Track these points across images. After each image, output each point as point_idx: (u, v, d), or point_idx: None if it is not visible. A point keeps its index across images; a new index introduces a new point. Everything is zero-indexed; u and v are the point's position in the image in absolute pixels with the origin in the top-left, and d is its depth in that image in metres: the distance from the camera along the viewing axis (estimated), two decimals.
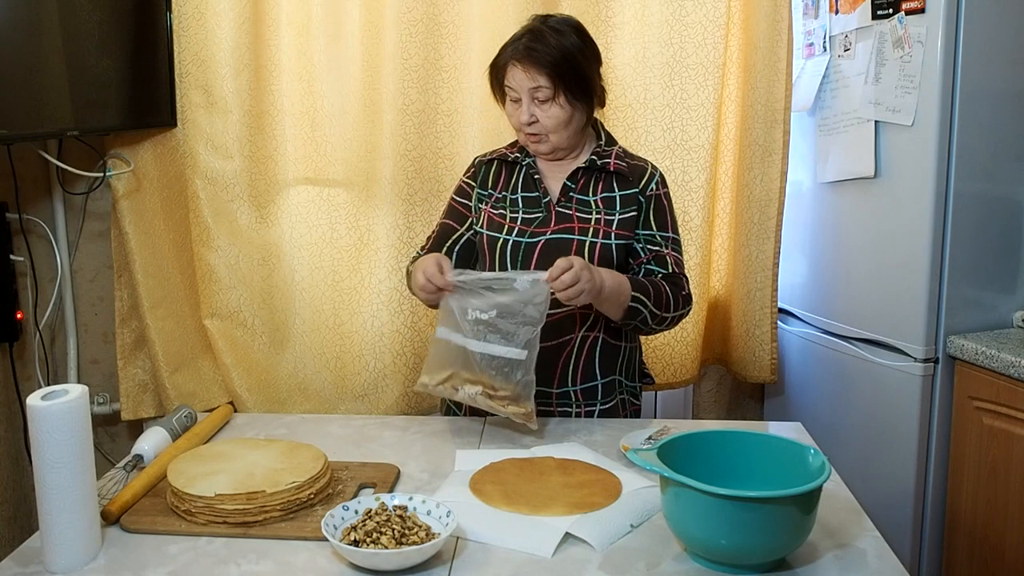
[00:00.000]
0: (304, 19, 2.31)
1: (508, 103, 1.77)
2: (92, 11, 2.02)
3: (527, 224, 1.77)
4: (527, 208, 1.79)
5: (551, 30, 1.71)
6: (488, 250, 1.79)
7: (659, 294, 1.70)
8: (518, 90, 1.72)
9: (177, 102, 2.26)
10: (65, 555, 1.18)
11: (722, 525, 1.13)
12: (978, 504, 2.02)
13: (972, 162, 2.04)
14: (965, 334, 2.07)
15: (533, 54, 1.68)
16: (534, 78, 1.68)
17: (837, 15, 2.33)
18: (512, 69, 1.71)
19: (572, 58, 1.70)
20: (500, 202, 1.82)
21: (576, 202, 1.78)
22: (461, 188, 1.88)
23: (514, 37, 1.74)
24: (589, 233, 1.74)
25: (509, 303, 1.56)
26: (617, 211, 1.77)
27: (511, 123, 1.78)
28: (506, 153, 1.86)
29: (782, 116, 2.36)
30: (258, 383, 2.37)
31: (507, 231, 1.77)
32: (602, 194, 1.78)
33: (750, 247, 2.45)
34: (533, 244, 1.75)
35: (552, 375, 1.76)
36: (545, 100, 1.70)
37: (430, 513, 1.28)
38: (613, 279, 1.63)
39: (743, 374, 2.54)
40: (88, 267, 2.44)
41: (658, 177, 1.82)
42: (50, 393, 1.18)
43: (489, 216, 1.81)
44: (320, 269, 2.41)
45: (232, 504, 1.29)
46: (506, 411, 1.58)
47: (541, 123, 1.72)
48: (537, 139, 1.75)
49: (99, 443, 2.49)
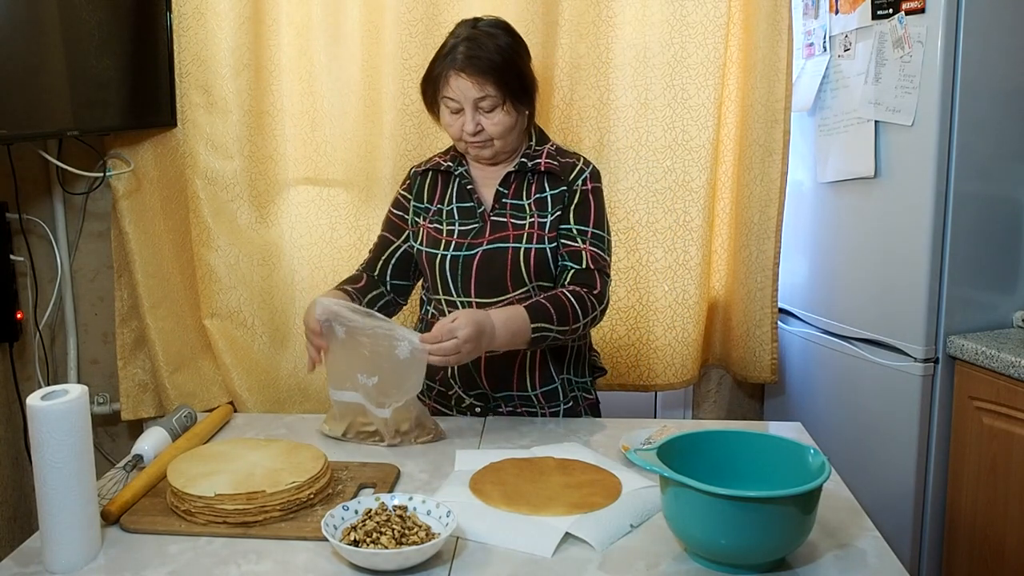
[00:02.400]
0: (304, 19, 2.31)
1: (446, 114, 1.71)
2: (92, 11, 2.02)
3: (463, 236, 1.74)
4: (463, 220, 1.76)
5: (486, 35, 1.68)
6: (428, 267, 1.77)
7: (562, 311, 1.62)
8: (460, 100, 1.66)
9: (177, 102, 2.26)
10: (65, 555, 1.18)
11: (722, 525, 1.13)
12: (978, 504, 2.02)
13: (972, 162, 2.04)
14: (965, 334, 2.07)
15: (476, 62, 1.64)
16: (480, 87, 1.64)
17: (837, 15, 2.33)
18: (454, 79, 1.65)
19: (512, 62, 1.68)
20: (436, 215, 1.79)
21: (510, 208, 1.75)
22: (398, 200, 1.85)
23: (448, 46, 1.69)
24: (523, 239, 1.71)
25: (391, 372, 1.57)
26: (549, 212, 1.74)
27: (450, 133, 1.73)
28: (439, 162, 1.82)
29: (782, 116, 2.36)
30: (258, 383, 2.37)
31: (444, 246, 1.74)
32: (535, 196, 1.75)
33: (750, 247, 2.45)
34: (471, 257, 1.72)
35: (510, 380, 1.77)
36: (491, 108, 1.67)
37: (430, 513, 1.28)
38: (507, 324, 1.56)
39: (743, 374, 2.54)
40: (88, 267, 2.44)
41: (587, 173, 1.76)
42: (50, 393, 1.17)
43: (427, 232, 1.78)
44: (320, 269, 2.41)
45: (232, 504, 1.28)
46: (418, 443, 1.63)
47: (487, 131, 1.69)
48: (481, 146, 1.72)
49: (99, 443, 2.49)
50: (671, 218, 2.42)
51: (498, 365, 1.75)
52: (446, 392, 1.80)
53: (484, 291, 1.72)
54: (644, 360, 2.48)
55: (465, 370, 1.76)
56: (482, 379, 1.76)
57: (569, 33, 2.33)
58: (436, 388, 1.82)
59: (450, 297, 1.75)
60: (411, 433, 1.63)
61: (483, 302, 1.71)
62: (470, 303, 1.72)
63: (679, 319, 2.46)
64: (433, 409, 1.82)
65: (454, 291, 1.74)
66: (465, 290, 1.73)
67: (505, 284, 1.72)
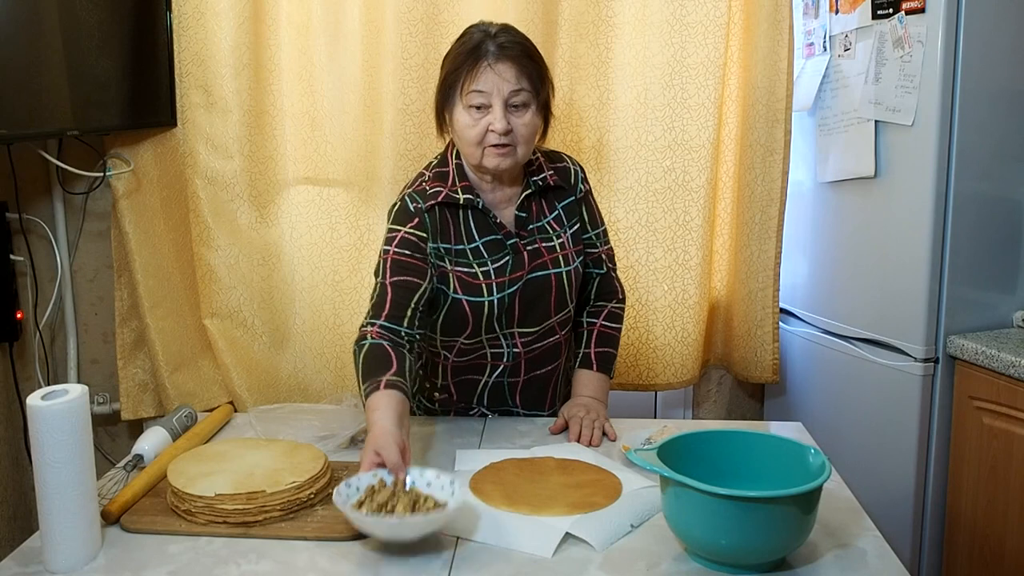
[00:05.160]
0: (304, 19, 2.31)
1: (467, 115, 1.56)
2: (92, 11, 2.02)
3: (500, 274, 1.63)
4: (493, 255, 1.63)
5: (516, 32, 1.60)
6: (473, 317, 1.62)
7: (616, 342, 1.81)
8: (490, 94, 1.53)
9: (177, 102, 2.26)
10: (65, 555, 1.18)
11: (722, 525, 1.13)
12: (978, 504, 2.02)
13: (972, 162, 2.04)
14: (965, 334, 2.07)
15: (513, 52, 1.54)
16: (517, 79, 1.54)
17: (837, 15, 2.33)
18: (486, 72, 1.53)
19: (543, 63, 1.61)
20: (462, 256, 1.63)
21: (537, 232, 1.68)
22: (409, 241, 1.59)
23: (474, 41, 1.57)
24: (561, 263, 1.68)
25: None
26: (567, 226, 1.71)
27: (470, 135, 1.56)
28: (448, 194, 1.62)
29: (783, 116, 2.36)
30: (258, 383, 2.37)
31: (486, 291, 1.62)
32: (551, 214, 1.70)
33: (751, 247, 2.45)
34: (513, 294, 1.64)
35: (544, 400, 1.77)
36: (520, 106, 1.55)
37: (430, 485, 1.28)
38: (599, 386, 1.75)
39: (744, 374, 2.54)
40: (88, 267, 2.44)
41: (581, 174, 1.75)
42: (50, 393, 1.18)
43: (459, 277, 1.62)
44: (320, 269, 2.41)
45: (232, 504, 1.28)
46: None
47: (516, 132, 1.55)
48: (506, 151, 1.56)
49: (99, 443, 2.48)
50: (671, 218, 2.42)
51: (533, 387, 1.75)
52: (466, 409, 1.79)
53: (527, 322, 1.68)
54: (644, 360, 2.48)
55: (497, 392, 1.74)
56: (516, 401, 1.76)
57: (569, 33, 2.33)
58: (456, 407, 1.79)
59: (492, 335, 1.67)
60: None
61: (526, 331, 1.69)
62: (512, 334, 1.68)
63: (679, 319, 2.46)
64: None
65: (498, 328, 1.66)
66: (508, 324, 1.67)
67: (548, 311, 1.69)
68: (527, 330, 1.69)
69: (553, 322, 1.71)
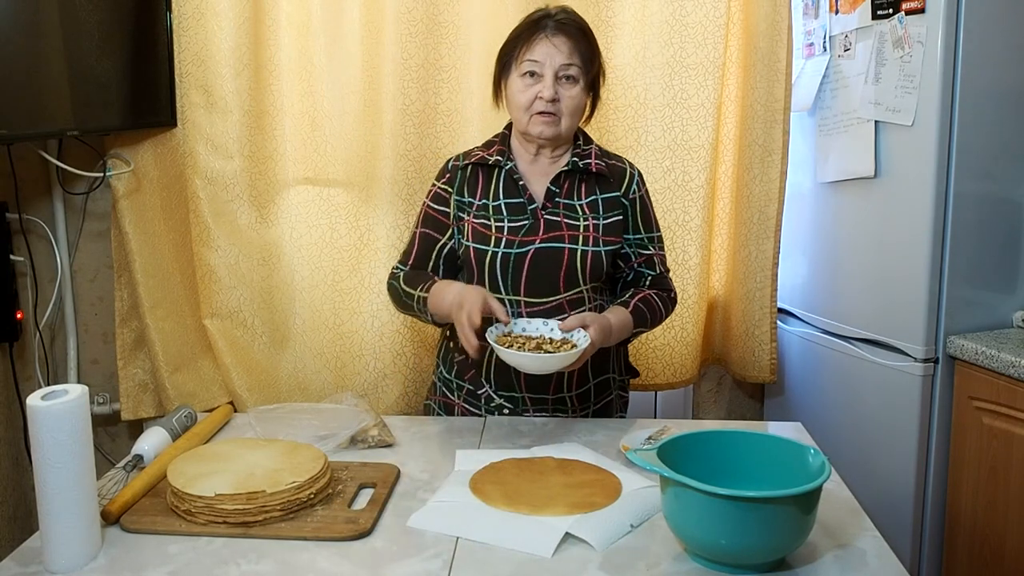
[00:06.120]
0: (304, 19, 2.31)
1: (520, 82, 1.69)
2: (92, 11, 2.02)
3: (514, 233, 1.71)
4: (512, 216, 1.73)
5: (577, 16, 1.73)
6: (476, 264, 1.72)
7: (655, 316, 1.77)
8: (544, 64, 1.67)
9: (177, 102, 2.26)
10: (65, 555, 1.18)
11: (722, 525, 1.13)
12: (978, 504, 2.02)
13: (972, 162, 2.04)
14: (965, 334, 2.07)
15: (569, 29, 1.68)
16: (569, 54, 1.67)
17: (837, 15, 2.33)
18: (542, 44, 1.67)
19: (597, 47, 1.73)
20: (482, 210, 1.74)
21: (563, 207, 1.74)
22: (438, 195, 1.79)
23: (537, 16, 1.71)
24: (579, 241, 1.71)
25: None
26: (601, 215, 1.74)
27: (520, 100, 1.70)
28: (484, 156, 1.77)
29: (782, 116, 2.36)
30: (258, 383, 2.37)
31: (494, 243, 1.70)
32: (587, 198, 1.75)
33: (750, 247, 2.45)
34: (523, 255, 1.69)
35: (548, 383, 1.76)
36: (570, 79, 1.68)
37: (538, 330, 1.61)
38: (620, 332, 1.69)
39: (743, 374, 2.54)
40: (88, 267, 2.44)
41: (637, 177, 1.81)
42: (50, 393, 1.18)
43: (473, 227, 1.73)
44: (320, 269, 2.40)
45: (232, 504, 1.29)
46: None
47: (562, 103, 1.68)
48: (550, 121, 1.69)
49: (99, 443, 2.48)
50: (671, 218, 2.42)
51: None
52: (475, 391, 1.79)
53: (534, 290, 1.71)
54: (644, 360, 2.48)
55: (502, 372, 1.74)
56: (520, 383, 1.75)
57: None
58: (466, 387, 1.80)
59: (498, 295, 1.70)
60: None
61: (532, 301, 1.70)
62: (519, 302, 1.71)
63: (679, 319, 2.46)
64: (462, 409, 1.81)
65: (503, 289, 1.71)
66: (515, 288, 1.70)
67: (557, 284, 1.70)
68: (534, 300, 1.70)
69: (562, 299, 1.71)
